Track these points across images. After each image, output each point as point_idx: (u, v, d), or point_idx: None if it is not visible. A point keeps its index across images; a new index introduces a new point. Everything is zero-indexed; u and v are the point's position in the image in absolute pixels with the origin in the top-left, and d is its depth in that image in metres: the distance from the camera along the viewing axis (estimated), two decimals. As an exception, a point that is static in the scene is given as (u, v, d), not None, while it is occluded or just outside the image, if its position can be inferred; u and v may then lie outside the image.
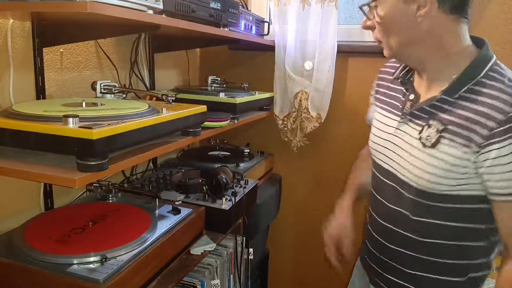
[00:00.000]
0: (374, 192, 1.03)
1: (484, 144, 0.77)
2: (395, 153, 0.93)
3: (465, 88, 0.81)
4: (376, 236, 1.02)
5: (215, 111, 1.29)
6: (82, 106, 0.95)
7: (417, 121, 0.88)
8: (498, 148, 0.75)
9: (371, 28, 0.91)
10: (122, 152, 0.86)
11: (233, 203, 1.24)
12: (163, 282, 0.99)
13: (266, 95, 1.73)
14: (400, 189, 0.92)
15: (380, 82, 1.06)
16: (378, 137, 0.99)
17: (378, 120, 1.02)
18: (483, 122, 0.77)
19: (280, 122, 1.82)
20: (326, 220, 1.14)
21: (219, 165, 1.44)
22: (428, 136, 0.84)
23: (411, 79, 0.95)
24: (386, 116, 0.99)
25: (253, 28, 1.70)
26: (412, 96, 0.92)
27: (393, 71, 1.01)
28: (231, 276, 1.42)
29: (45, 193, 1.15)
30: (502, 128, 0.75)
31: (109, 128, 0.75)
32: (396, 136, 0.93)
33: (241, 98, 1.40)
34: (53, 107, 0.91)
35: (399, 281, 0.97)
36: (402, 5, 0.81)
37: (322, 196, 1.92)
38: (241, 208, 1.33)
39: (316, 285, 2.01)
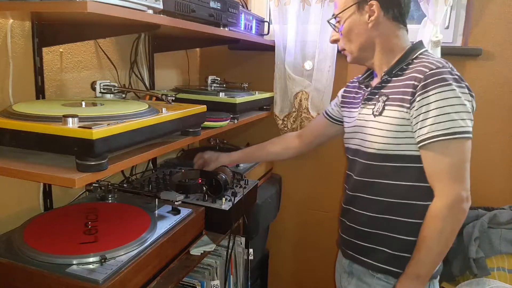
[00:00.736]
0: (347, 171, 1.21)
1: (411, 100, 0.98)
2: (359, 132, 1.12)
3: (399, 68, 1.05)
4: (345, 206, 1.18)
5: (215, 111, 1.28)
6: (82, 106, 0.95)
7: (371, 102, 1.11)
8: (419, 100, 0.96)
9: (337, 41, 1.16)
10: (121, 152, 0.86)
11: (233, 203, 1.24)
12: (162, 282, 0.99)
13: (266, 95, 1.72)
14: (361, 160, 1.11)
15: (346, 93, 1.28)
16: (348, 127, 1.20)
17: (348, 117, 1.22)
18: (410, 84, 0.99)
19: (280, 122, 1.82)
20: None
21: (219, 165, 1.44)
22: (378, 108, 1.06)
23: (370, 82, 1.18)
24: (352, 111, 1.19)
25: (253, 28, 1.70)
26: (369, 89, 1.14)
27: (357, 81, 1.24)
28: (231, 276, 1.42)
29: (45, 193, 1.14)
30: (422, 84, 0.96)
31: (109, 128, 0.75)
32: (359, 119, 1.13)
33: (241, 98, 1.40)
34: (52, 107, 0.91)
35: (355, 241, 1.14)
36: (358, 16, 1.07)
37: (322, 196, 1.92)
38: (241, 208, 1.33)
39: (316, 284, 2.01)
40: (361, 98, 1.16)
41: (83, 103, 0.97)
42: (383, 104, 1.04)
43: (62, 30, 1.05)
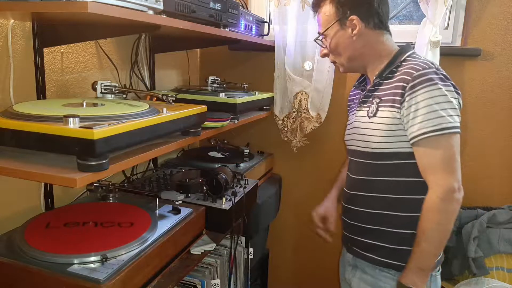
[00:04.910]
0: (347, 171, 1.26)
1: (401, 100, 1.04)
2: (356, 134, 1.18)
3: (389, 71, 1.11)
4: (345, 205, 1.24)
5: (215, 111, 1.29)
6: (83, 106, 0.96)
7: (365, 104, 1.17)
8: (408, 100, 1.02)
9: (327, 55, 1.23)
10: (122, 152, 0.87)
11: (233, 203, 1.24)
12: (163, 281, 0.99)
13: (266, 95, 1.73)
14: (358, 160, 1.17)
15: (350, 101, 1.35)
16: (347, 129, 1.26)
17: (349, 120, 1.28)
18: (400, 85, 1.05)
19: (280, 122, 1.83)
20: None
21: (219, 165, 1.44)
22: (372, 110, 1.12)
23: (366, 85, 1.24)
24: (351, 115, 1.27)
25: (253, 28, 1.70)
26: (364, 92, 1.20)
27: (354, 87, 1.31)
28: (231, 275, 1.42)
29: (46, 193, 1.15)
30: (410, 85, 1.02)
31: (110, 128, 0.75)
32: (356, 121, 1.20)
33: (241, 98, 1.40)
34: (53, 107, 0.91)
35: (358, 238, 1.20)
36: (342, 31, 1.14)
37: (322, 196, 1.92)
38: (241, 208, 1.33)
39: (316, 284, 2.01)
40: (357, 101, 1.22)
41: (84, 103, 0.97)
42: (376, 106, 1.11)
43: (63, 30, 1.06)
